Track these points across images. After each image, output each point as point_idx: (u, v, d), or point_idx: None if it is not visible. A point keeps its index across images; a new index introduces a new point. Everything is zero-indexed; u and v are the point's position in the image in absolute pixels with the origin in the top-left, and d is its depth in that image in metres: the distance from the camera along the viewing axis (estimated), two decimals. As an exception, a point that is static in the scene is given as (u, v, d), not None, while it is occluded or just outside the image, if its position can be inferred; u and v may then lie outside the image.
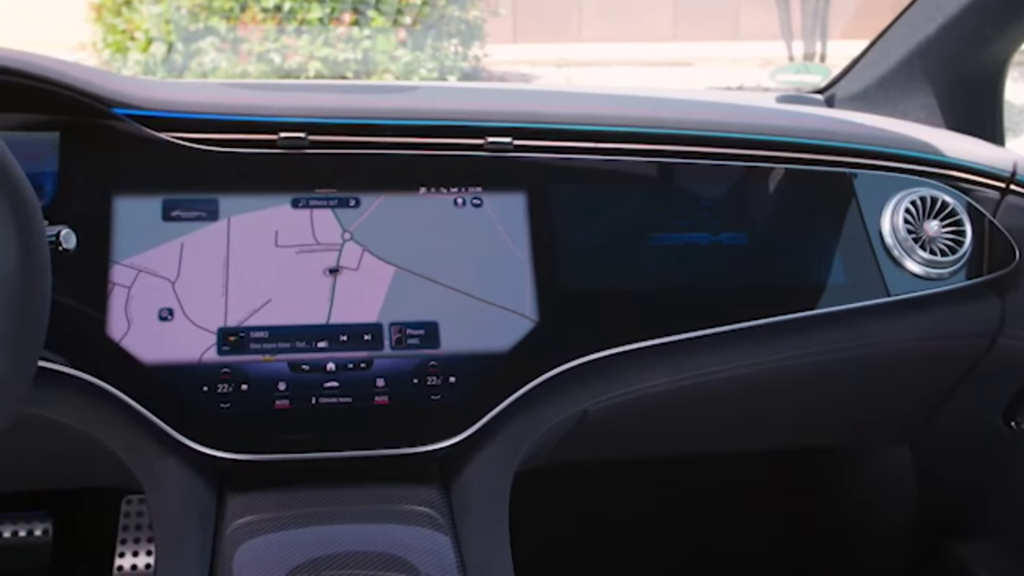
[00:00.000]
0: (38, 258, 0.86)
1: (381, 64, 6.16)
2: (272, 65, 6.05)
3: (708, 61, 8.41)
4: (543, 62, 8.27)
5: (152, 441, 1.06)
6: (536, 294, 1.15)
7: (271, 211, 1.13)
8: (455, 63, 6.63)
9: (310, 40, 6.11)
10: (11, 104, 1.10)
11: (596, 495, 1.78)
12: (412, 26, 6.30)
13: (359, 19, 6.15)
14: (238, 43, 6.14)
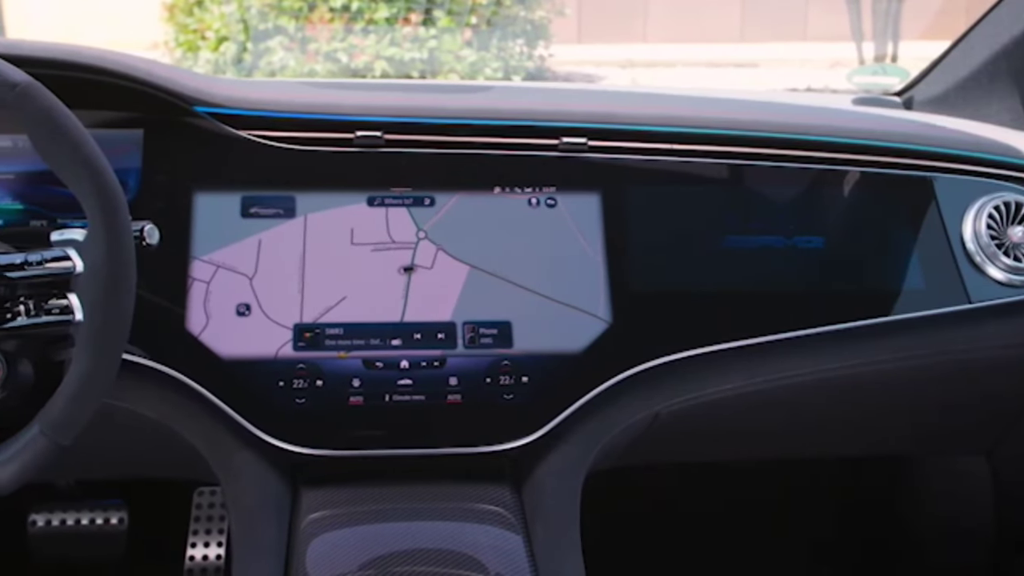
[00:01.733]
0: (124, 253, 0.88)
1: (447, 64, 6.19)
2: (339, 64, 6.11)
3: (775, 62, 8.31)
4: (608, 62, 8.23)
5: (229, 435, 1.08)
6: (609, 295, 1.15)
7: (347, 209, 1.14)
8: (520, 63, 6.64)
9: (377, 40, 6.16)
10: (98, 102, 1.12)
11: (665, 496, 1.77)
12: (478, 26, 6.32)
13: (426, 19, 6.19)
14: (306, 42, 6.21)
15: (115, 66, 1.10)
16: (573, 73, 7.62)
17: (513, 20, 6.49)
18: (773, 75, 7.88)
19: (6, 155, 1.14)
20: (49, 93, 0.88)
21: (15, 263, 0.90)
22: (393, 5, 6.23)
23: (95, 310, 0.87)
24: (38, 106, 0.87)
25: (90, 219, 0.88)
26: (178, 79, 1.15)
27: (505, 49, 6.54)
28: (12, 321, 0.90)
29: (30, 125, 0.87)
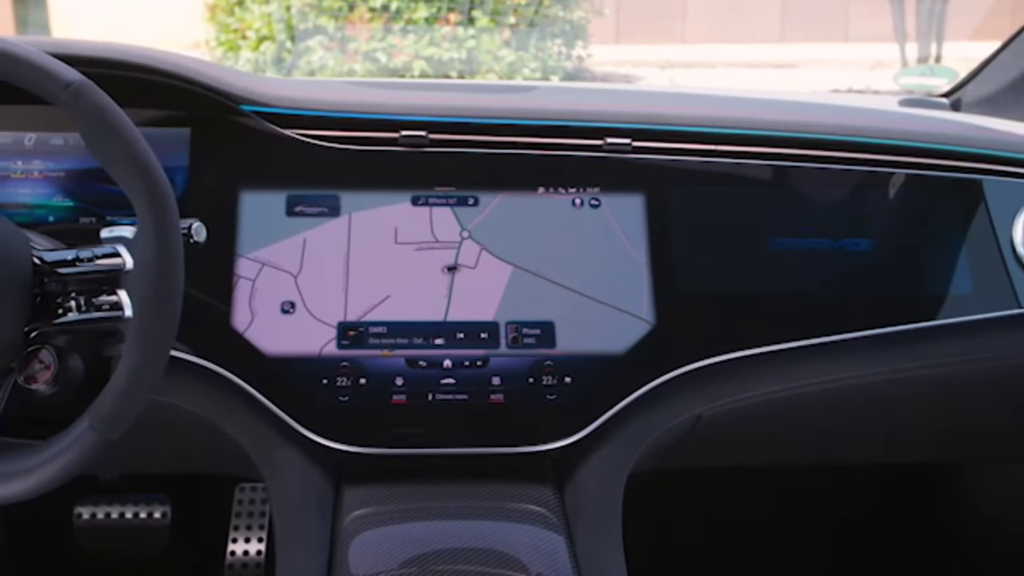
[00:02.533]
0: (173, 250, 0.89)
1: (485, 64, 6.20)
2: (378, 64, 6.14)
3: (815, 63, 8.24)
4: (646, 63, 8.21)
5: (273, 431, 1.08)
6: (653, 296, 1.14)
7: (391, 208, 1.15)
8: (558, 63, 6.64)
9: (416, 39, 6.17)
10: (146, 100, 1.13)
11: (706, 498, 1.76)
12: (517, 26, 6.33)
13: (465, 19, 6.20)
14: (346, 42, 6.24)
15: (165, 65, 1.11)
16: (611, 74, 7.60)
17: (552, 20, 6.48)
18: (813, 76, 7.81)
19: (57, 153, 1.16)
20: (101, 92, 0.89)
21: (66, 259, 0.91)
22: (432, 5, 6.25)
23: (145, 306, 0.88)
24: (91, 105, 0.88)
25: (140, 216, 0.89)
26: (225, 78, 1.16)
27: (543, 49, 6.54)
28: (63, 317, 0.91)
29: (83, 123, 0.88)
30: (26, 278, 0.89)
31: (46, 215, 1.14)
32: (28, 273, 0.89)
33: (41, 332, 0.92)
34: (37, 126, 1.16)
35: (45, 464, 0.85)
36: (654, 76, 7.87)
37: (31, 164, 1.15)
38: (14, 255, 0.88)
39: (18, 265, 0.88)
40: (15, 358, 0.91)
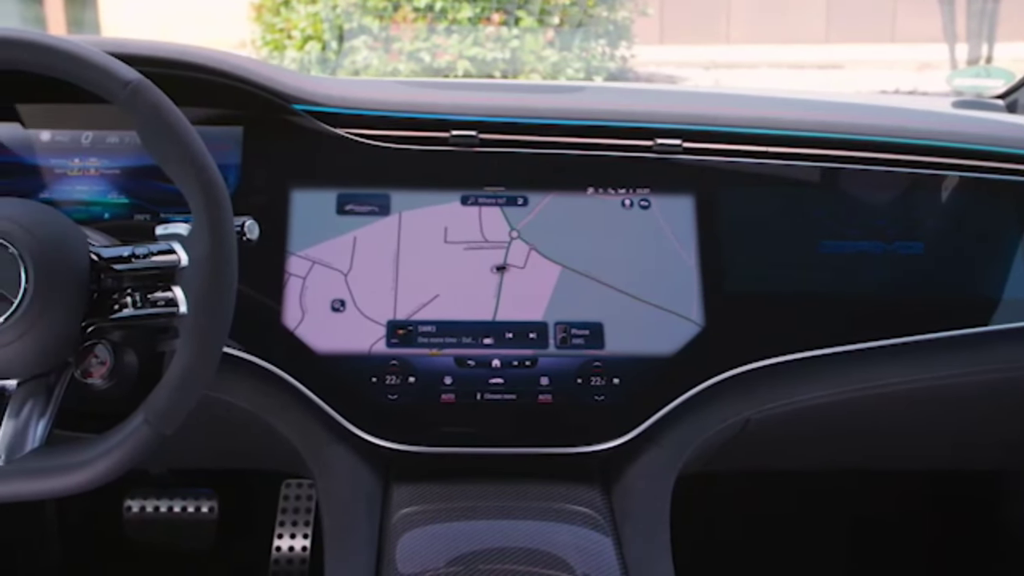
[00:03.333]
0: (227, 247, 0.90)
1: (528, 64, 6.20)
2: (422, 64, 6.16)
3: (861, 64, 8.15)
4: (690, 63, 8.17)
5: (322, 429, 1.09)
6: (703, 298, 1.14)
7: (441, 207, 1.15)
8: (602, 64, 6.62)
9: (460, 39, 6.19)
10: (200, 99, 1.15)
11: (754, 500, 1.75)
12: (560, 26, 6.32)
13: (508, 19, 6.20)
14: (390, 42, 6.27)
15: (219, 64, 1.12)
16: (655, 74, 7.58)
17: (596, 21, 6.47)
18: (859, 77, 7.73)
19: (113, 151, 1.17)
20: (159, 91, 0.90)
21: (122, 256, 0.92)
22: (476, 5, 6.26)
23: (199, 303, 0.89)
24: (149, 103, 0.89)
25: (195, 214, 0.89)
26: (278, 77, 1.17)
27: (587, 50, 6.53)
28: (119, 312, 0.92)
29: (140, 122, 0.89)
30: (84, 274, 0.90)
31: (102, 212, 1.16)
32: (86, 269, 0.90)
33: (98, 327, 0.93)
34: (94, 124, 1.18)
35: (101, 457, 0.86)
36: (698, 77, 7.83)
37: (88, 161, 1.17)
38: (73, 251, 0.90)
39: (77, 261, 0.90)
40: (72, 353, 0.92)
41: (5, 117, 1.18)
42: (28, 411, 0.89)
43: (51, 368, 0.91)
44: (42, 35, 0.90)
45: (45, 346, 0.87)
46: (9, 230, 0.86)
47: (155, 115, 0.89)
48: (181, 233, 0.93)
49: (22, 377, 0.90)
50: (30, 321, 0.85)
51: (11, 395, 0.89)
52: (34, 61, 0.89)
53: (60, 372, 0.92)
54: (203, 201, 0.89)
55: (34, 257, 0.86)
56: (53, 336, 0.87)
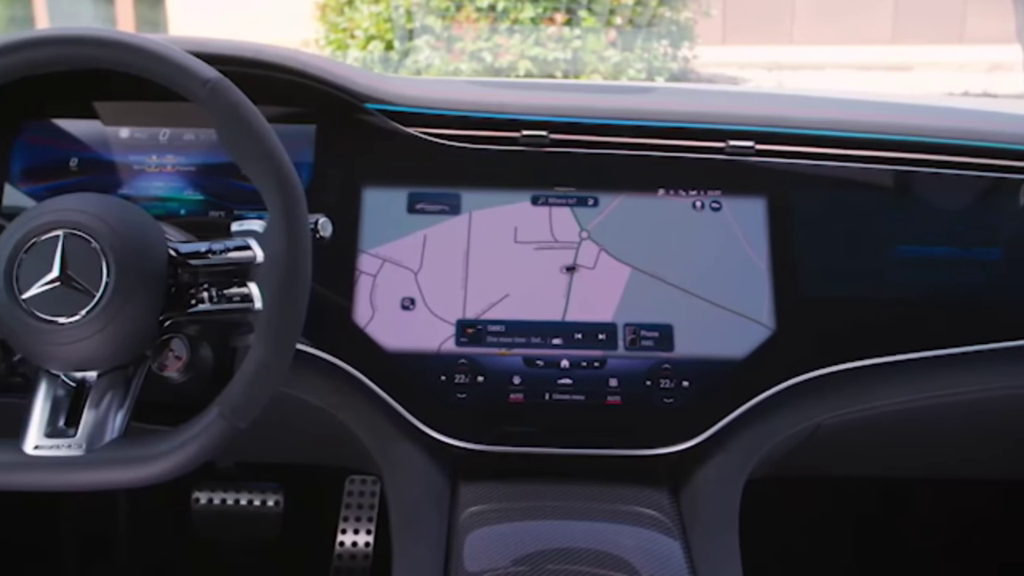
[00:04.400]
0: (303, 244, 0.90)
1: (590, 64, 6.19)
2: (483, 63, 6.19)
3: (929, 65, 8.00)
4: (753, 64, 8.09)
5: (391, 426, 1.10)
6: (774, 302, 1.12)
7: (511, 207, 1.15)
8: (664, 64, 6.59)
9: (522, 39, 6.20)
10: (275, 97, 1.16)
11: (821, 506, 1.73)
12: (623, 27, 6.30)
13: (571, 19, 6.20)
14: (452, 41, 6.30)
15: (294, 64, 1.14)
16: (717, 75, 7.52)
17: (659, 21, 6.44)
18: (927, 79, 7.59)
19: (188, 148, 1.19)
20: (237, 89, 0.91)
21: (199, 251, 0.93)
22: (539, 5, 6.27)
23: (274, 299, 0.90)
24: (227, 102, 0.90)
25: (271, 211, 0.90)
26: (352, 76, 1.18)
27: (649, 50, 6.50)
28: (195, 307, 0.93)
29: (219, 120, 0.91)
30: (162, 269, 0.91)
31: (177, 208, 1.18)
32: (164, 264, 0.92)
33: (174, 321, 0.94)
34: (170, 121, 1.20)
35: (177, 449, 0.88)
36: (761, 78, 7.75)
37: (164, 158, 1.19)
38: (152, 247, 0.91)
39: (156, 256, 0.91)
40: (150, 346, 0.94)
41: (85, 114, 1.20)
42: (107, 402, 0.90)
43: (129, 360, 0.93)
44: (125, 34, 0.92)
45: (124, 339, 0.89)
46: (92, 225, 0.88)
47: (233, 113, 0.90)
48: (256, 230, 0.95)
49: (102, 369, 0.91)
50: (111, 314, 0.86)
51: (91, 386, 0.91)
52: (117, 59, 0.91)
53: (138, 365, 0.94)
54: (279, 199, 0.90)
55: (115, 252, 0.87)
56: (132, 329, 0.89)
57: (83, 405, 0.90)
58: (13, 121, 1.20)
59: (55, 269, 0.87)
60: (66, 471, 0.87)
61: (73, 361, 0.89)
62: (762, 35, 9.56)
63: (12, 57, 0.91)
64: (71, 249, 0.87)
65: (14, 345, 0.91)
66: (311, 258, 0.92)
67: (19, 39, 0.91)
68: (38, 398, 0.90)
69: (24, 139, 1.20)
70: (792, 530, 1.70)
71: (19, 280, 0.87)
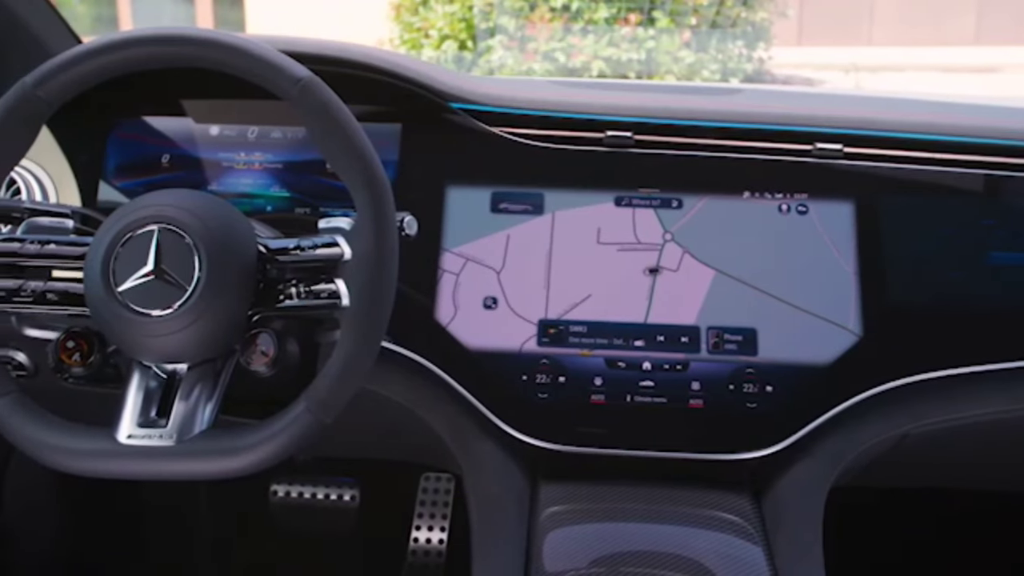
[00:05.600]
0: (390, 242, 0.91)
1: (664, 65, 6.16)
2: (556, 64, 6.18)
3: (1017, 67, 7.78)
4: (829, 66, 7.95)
5: (472, 424, 1.10)
6: (861, 308, 1.10)
7: (594, 208, 1.15)
8: (738, 65, 6.52)
9: (595, 40, 6.19)
10: (362, 96, 1.17)
11: (905, 517, 1.69)
12: (698, 27, 6.25)
13: (645, 19, 6.17)
14: (525, 41, 6.31)
15: (382, 63, 1.15)
16: (792, 76, 7.42)
17: (734, 21, 6.38)
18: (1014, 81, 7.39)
19: (276, 145, 1.21)
20: (327, 88, 0.92)
21: (288, 248, 0.94)
22: (613, 5, 6.25)
23: (361, 296, 0.90)
24: (318, 100, 0.91)
25: (359, 209, 0.91)
26: (437, 76, 1.18)
27: (724, 51, 6.44)
28: (283, 302, 0.94)
29: (309, 118, 0.92)
30: (252, 264, 0.92)
31: (264, 204, 1.19)
32: (254, 260, 0.93)
33: (262, 316, 0.95)
34: (258, 119, 1.22)
35: (264, 442, 0.89)
36: (837, 79, 7.63)
37: (252, 156, 1.21)
38: (242, 242, 0.92)
39: (246, 252, 0.92)
40: (239, 340, 0.95)
41: (176, 112, 1.23)
42: (197, 395, 0.92)
43: (219, 354, 0.94)
44: (220, 33, 0.93)
45: (215, 332, 0.90)
46: (186, 220, 0.89)
47: (324, 112, 0.91)
48: (343, 227, 0.95)
49: (192, 361, 0.93)
50: (202, 308, 0.88)
51: (182, 379, 0.93)
52: (212, 58, 0.92)
53: (227, 358, 0.95)
54: (368, 197, 0.90)
55: (207, 247, 0.89)
56: (222, 323, 0.90)
57: (174, 397, 0.92)
58: (108, 119, 1.23)
59: (150, 263, 0.88)
60: (157, 460, 0.89)
61: (165, 353, 0.91)
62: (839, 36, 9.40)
63: (112, 56, 0.93)
64: (165, 244, 0.88)
65: (109, 337, 0.93)
66: (397, 256, 0.92)
67: (118, 39, 0.93)
68: (131, 389, 0.92)
69: (118, 136, 1.23)
70: (875, 540, 1.67)
71: (115, 273, 0.88)
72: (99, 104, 1.19)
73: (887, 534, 1.70)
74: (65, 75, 0.93)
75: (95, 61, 0.93)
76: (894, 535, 1.71)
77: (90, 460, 0.89)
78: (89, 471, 0.89)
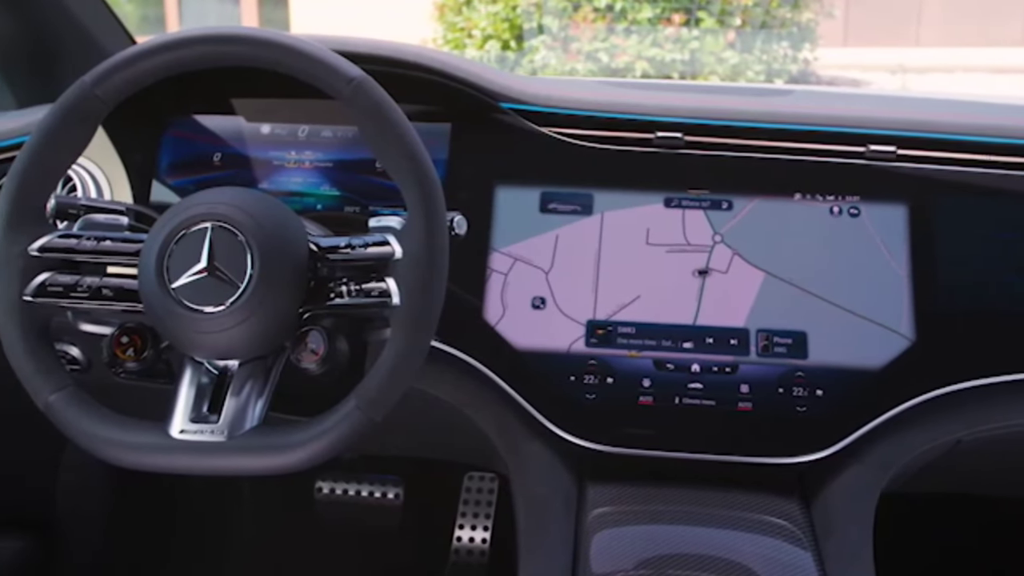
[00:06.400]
0: (441, 241, 0.91)
1: (708, 66, 6.11)
2: (599, 64, 6.16)
3: (1068, 69, 7.64)
4: (876, 67, 7.84)
5: (520, 424, 1.10)
6: (913, 312, 1.09)
7: (644, 209, 1.14)
8: (783, 66, 6.46)
9: (639, 40, 6.16)
10: (412, 96, 1.17)
11: (955, 523, 1.67)
12: (742, 27, 6.20)
13: (689, 20, 6.13)
14: (568, 42, 6.29)
15: (433, 63, 1.15)
16: (837, 77, 7.33)
17: (779, 22, 6.33)
18: (1066, 83, 7.26)
19: (326, 144, 1.22)
20: (380, 87, 0.93)
21: (339, 246, 0.95)
22: (657, 5, 6.22)
23: (412, 295, 0.91)
24: (370, 99, 0.92)
25: (410, 208, 0.91)
26: (487, 76, 1.18)
27: (768, 51, 6.38)
28: (333, 300, 0.95)
29: (361, 117, 0.92)
30: (303, 262, 0.93)
31: (314, 203, 1.20)
32: (305, 257, 0.93)
33: (313, 314, 0.96)
34: (309, 118, 1.22)
35: (314, 440, 0.89)
36: (884, 81, 7.52)
37: (303, 154, 1.22)
38: (294, 240, 0.93)
39: (297, 250, 0.93)
40: (290, 337, 0.96)
41: (227, 111, 1.24)
42: (248, 391, 0.93)
43: (269, 351, 0.95)
44: (274, 32, 0.94)
45: (266, 329, 0.91)
46: (238, 218, 0.90)
47: (376, 111, 0.91)
48: (394, 226, 0.96)
49: (244, 358, 0.93)
50: (254, 306, 0.88)
51: (233, 375, 0.93)
52: (266, 57, 0.93)
53: (277, 355, 0.96)
54: (419, 196, 0.91)
55: (259, 244, 0.89)
56: (273, 320, 0.91)
57: (225, 393, 0.92)
58: (161, 118, 1.24)
59: (203, 260, 0.89)
60: (209, 456, 0.89)
61: (217, 349, 0.92)
62: (886, 36, 9.29)
63: (168, 55, 0.94)
64: (218, 241, 0.89)
65: (162, 332, 0.94)
66: (447, 255, 0.92)
67: (174, 38, 0.94)
68: (183, 384, 0.93)
69: (171, 135, 1.24)
70: (924, 546, 1.65)
71: (169, 270, 0.89)
72: (153, 103, 1.20)
73: (936, 540, 1.68)
74: (122, 74, 0.94)
75: (152, 60, 0.94)
76: (943, 541, 1.69)
77: (144, 454, 0.90)
78: (143, 465, 0.90)
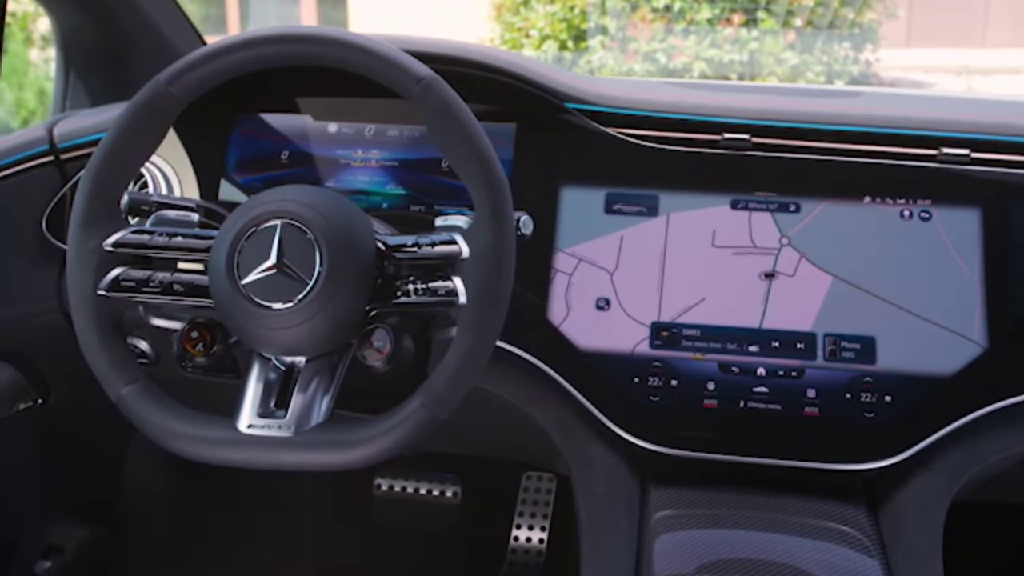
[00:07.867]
0: (508, 241, 0.91)
1: (767, 67, 6.05)
2: (657, 65, 6.13)
3: None
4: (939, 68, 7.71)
5: (582, 425, 1.10)
6: (986, 318, 1.07)
7: (710, 211, 1.14)
8: (844, 67, 6.38)
9: (697, 40, 6.12)
10: (478, 95, 1.17)
11: None
12: (803, 28, 6.14)
13: (748, 20, 6.08)
14: (626, 42, 6.27)
15: (499, 63, 1.15)
16: (900, 79, 7.21)
17: (841, 22, 6.25)
18: None
19: (392, 143, 1.22)
20: (448, 87, 0.93)
21: (406, 245, 0.95)
22: (716, 6, 6.17)
23: (479, 294, 0.91)
24: (439, 99, 0.92)
25: (478, 207, 0.92)
26: (553, 76, 1.18)
27: (829, 52, 6.31)
28: (400, 298, 0.95)
29: (430, 116, 0.92)
30: (370, 260, 0.94)
31: (380, 202, 1.21)
32: (372, 256, 0.94)
33: (379, 312, 0.96)
34: (376, 117, 1.23)
35: (380, 436, 0.90)
36: (948, 82, 7.39)
37: (369, 153, 1.23)
38: (362, 238, 0.94)
39: (365, 248, 0.94)
40: (356, 335, 0.97)
41: (294, 109, 1.25)
42: (315, 387, 0.94)
43: (336, 348, 0.95)
44: (344, 32, 0.95)
45: (333, 327, 0.91)
46: (308, 216, 0.91)
47: (445, 110, 0.92)
48: (461, 226, 0.96)
49: (311, 355, 0.94)
50: (322, 303, 0.89)
51: (300, 371, 0.94)
52: (336, 56, 0.94)
53: (343, 352, 0.97)
54: (487, 195, 0.91)
55: (328, 242, 0.90)
56: (341, 318, 0.91)
57: (292, 389, 0.93)
58: (230, 116, 1.26)
59: (272, 257, 0.90)
60: (276, 451, 0.90)
61: (285, 346, 0.93)
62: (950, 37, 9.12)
63: (240, 55, 0.95)
64: (287, 238, 0.90)
65: (231, 328, 0.95)
66: (514, 255, 0.92)
67: (246, 38, 0.95)
68: (251, 380, 0.94)
69: (239, 132, 1.26)
70: (994, 556, 1.62)
71: (239, 266, 0.90)
72: (221, 102, 1.22)
73: (1008, 551, 1.65)
74: (195, 73, 0.96)
75: (225, 60, 0.95)
76: (1015, 552, 1.65)
77: (213, 448, 0.91)
78: (212, 459, 0.91)
